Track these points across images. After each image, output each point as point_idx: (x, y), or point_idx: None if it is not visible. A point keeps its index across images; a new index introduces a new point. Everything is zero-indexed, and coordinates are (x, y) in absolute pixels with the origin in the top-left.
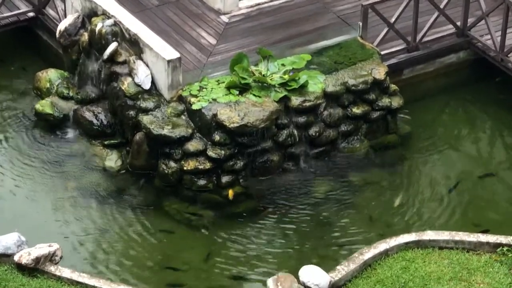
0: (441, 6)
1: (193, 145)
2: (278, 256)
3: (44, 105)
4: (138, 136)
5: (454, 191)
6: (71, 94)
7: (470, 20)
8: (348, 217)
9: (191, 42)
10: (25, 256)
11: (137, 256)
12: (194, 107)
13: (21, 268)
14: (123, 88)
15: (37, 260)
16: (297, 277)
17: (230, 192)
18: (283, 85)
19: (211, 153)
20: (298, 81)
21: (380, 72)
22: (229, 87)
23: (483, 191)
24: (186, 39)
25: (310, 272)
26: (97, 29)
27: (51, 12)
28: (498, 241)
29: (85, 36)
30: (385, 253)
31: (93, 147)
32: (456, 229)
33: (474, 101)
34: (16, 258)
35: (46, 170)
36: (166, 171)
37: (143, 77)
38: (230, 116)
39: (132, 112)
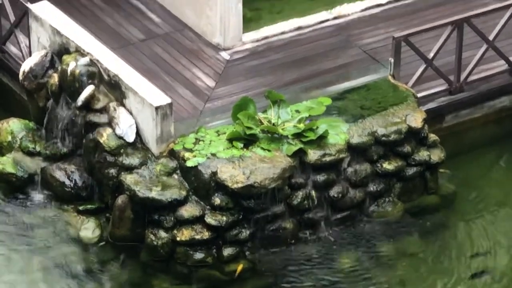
0: (490, 38)
1: (187, 211)
2: None
3: (4, 163)
4: (121, 199)
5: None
6: (38, 149)
7: None
8: None
9: (185, 84)
10: None
11: None
12: (189, 163)
13: None
14: (101, 141)
15: None
16: None
17: (239, 268)
18: (298, 136)
19: (210, 219)
20: (316, 131)
21: (416, 119)
22: (231, 139)
23: None
24: (179, 80)
25: None
26: (69, 69)
27: (12, 49)
28: None
29: (55, 78)
30: None
31: (66, 213)
32: None
33: None
34: None
35: (7, 243)
36: (155, 243)
37: (126, 127)
38: (233, 175)
39: (112, 171)
